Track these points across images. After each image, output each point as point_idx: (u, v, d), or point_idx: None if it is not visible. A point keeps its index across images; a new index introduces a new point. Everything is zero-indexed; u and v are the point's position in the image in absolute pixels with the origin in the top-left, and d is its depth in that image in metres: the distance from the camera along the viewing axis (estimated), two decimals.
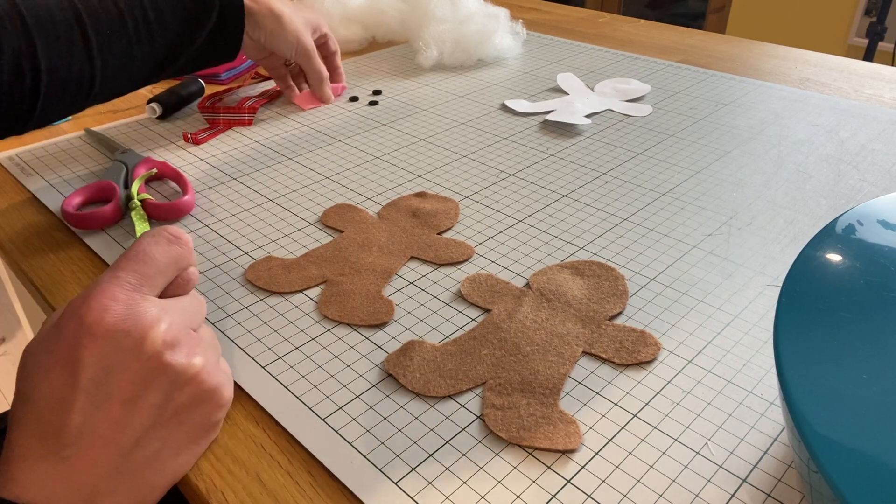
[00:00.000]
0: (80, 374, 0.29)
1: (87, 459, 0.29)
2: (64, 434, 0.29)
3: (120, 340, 0.30)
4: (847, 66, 0.88)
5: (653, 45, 0.97)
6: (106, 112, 0.76)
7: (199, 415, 0.33)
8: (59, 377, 0.29)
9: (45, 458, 0.29)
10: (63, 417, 0.29)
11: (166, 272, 0.34)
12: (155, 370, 0.31)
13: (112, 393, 0.30)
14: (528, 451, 0.35)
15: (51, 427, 0.29)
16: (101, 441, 0.29)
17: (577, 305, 0.44)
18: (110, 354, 0.30)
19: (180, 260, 0.35)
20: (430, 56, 0.86)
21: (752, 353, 0.41)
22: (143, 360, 0.30)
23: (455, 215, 0.55)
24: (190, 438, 0.33)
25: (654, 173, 0.61)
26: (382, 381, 0.39)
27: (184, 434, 0.33)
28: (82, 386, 0.29)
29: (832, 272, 0.33)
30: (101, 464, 0.29)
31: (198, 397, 0.33)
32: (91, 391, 0.29)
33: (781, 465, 0.34)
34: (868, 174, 0.60)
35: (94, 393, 0.29)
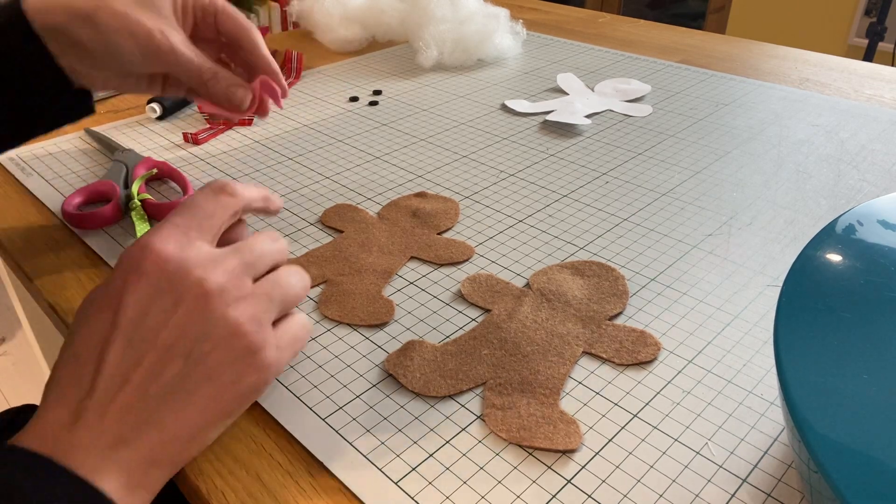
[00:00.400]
0: (120, 314, 0.29)
1: (116, 405, 0.28)
2: (98, 376, 0.28)
3: (161, 283, 0.29)
4: (847, 66, 0.88)
5: (653, 45, 0.97)
6: (106, 112, 0.76)
7: (230, 374, 0.30)
8: (102, 318, 0.29)
9: (74, 403, 0.28)
10: (98, 357, 0.28)
11: (214, 218, 0.33)
12: (192, 317, 0.29)
13: (148, 337, 0.29)
14: (528, 451, 0.35)
15: (86, 368, 0.28)
16: (132, 387, 0.28)
17: (577, 305, 0.44)
18: (151, 296, 0.29)
19: (228, 206, 0.33)
20: (430, 56, 0.86)
21: (752, 353, 0.41)
22: (182, 306, 0.29)
23: (455, 215, 0.55)
24: (217, 401, 0.30)
25: (654, 173, 0.61)
26: (382, 381, 0.39)
27: (212, 393, 0.30)
28: (121, 326, 0.29)
29: (832, 272, 0.33)
30: (130, 412, 0.28)
31: (232, 353, 0.30)
32: (129, 332, 0.29)
33: (781, 465, 0.34)
34: (868, 174, 0.60)
35: (131, 334, 0.29)
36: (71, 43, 0.41)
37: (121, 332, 0.29)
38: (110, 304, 0.29)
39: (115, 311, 0.29)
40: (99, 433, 0.28)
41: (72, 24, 0.40)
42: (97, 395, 0.28)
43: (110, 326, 0.29)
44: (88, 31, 0.40)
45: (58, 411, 0.28)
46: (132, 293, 0.29)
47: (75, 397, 0.28)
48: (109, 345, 0.29)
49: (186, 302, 0.29)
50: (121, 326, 0.29)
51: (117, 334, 0.29)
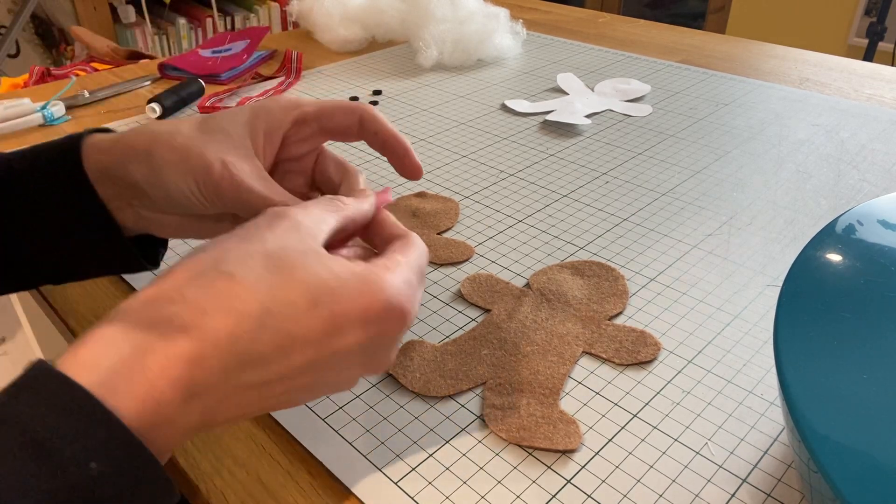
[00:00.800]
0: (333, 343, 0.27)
1: (247, 396, 0.26)
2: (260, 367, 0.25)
3: (384, 333, 0.28)
4: (847, 66, 0.88)
5: (653, 45, 0.97)
6: (106, 112, 0.76)
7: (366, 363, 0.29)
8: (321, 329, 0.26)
9: (205, 373, 0.24)
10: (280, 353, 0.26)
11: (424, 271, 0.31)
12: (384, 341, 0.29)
13: (337, 359, 0.27)
14: (528, 451, 0.35)
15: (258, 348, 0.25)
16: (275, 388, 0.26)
17: (577, 305, 0.44)
18: (368, 337, 0.28)
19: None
20: (430, 56, 0.86)
21: (752, 353, 0.41)
22: (384, 338, 0.28)
23: (455, 215, 0.55)
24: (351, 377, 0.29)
25: (654, 173, 0.61)
26: (382, 381, 0.39)
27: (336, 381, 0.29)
28: (324, 350, 0.27)
29: (832, 272, 0.33)
30: (248, 406, 0.26)
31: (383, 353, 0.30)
32: (325, 354, 0.27)
33: (781, 465, 0.34)
34: (868, 174, 0.60)
35: (327, 356, 0.27)
36: (128, 185, 0.35)
37: (320, 352, 0.27)
38: (334, 335, 0.27)
39: (329, 342, 0.27)
40: (199, 411, 0.25)
41: (126, 162, 0.35)
42: (241, 382, 0.25)
43: (315, 344, 0.26)
44: (144, 170, 0.34)
45: (173, 370, 0.24)
46: (359, 341, 0.27)
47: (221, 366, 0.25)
48: (298, 353, 0.26)
49: (389, 335, 0.29)
50: (320, 359, 0.27)
51: (315, 351, 0.26)
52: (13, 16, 1.75)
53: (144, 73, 0.88)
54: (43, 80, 1.11)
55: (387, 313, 0.27)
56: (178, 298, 0.25)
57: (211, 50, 0.91)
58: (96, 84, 0.84)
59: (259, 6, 2.32)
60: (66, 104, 0.75)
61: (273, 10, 2.34)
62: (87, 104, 0.78)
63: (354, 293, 0.27)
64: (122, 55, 1.31)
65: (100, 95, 0.79)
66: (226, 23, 2.28)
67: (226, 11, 2.29)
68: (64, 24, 2.10)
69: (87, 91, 0.79)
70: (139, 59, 1.25)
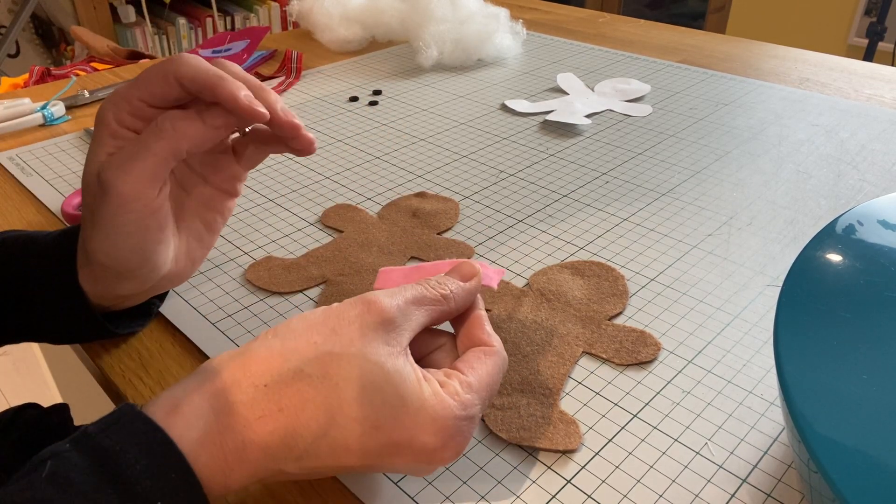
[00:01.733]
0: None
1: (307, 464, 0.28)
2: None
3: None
4: (847, 66, 0.88)
5: (653, 45, 0.97)
6: None
7: None
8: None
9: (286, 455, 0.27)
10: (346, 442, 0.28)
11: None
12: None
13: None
14: (528, 451, 0.35)
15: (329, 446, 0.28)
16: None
17: (577, 305, 0.44)
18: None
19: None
20: (430, 56, 0.86)
21: (752, 353, 0.41)
22: None
23: (455, 215, 0.55)
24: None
25: (654, 173, 0.61)
26: None
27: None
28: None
29: (832, 272, 0.33)
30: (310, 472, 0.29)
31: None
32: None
33: (781, 465, 0.34)
34: (868, 174, 0.60)
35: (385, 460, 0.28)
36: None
37: (366, 463, 0.28)
38: (386, 457, 0.28)
39: (380, 460, 0.28)
40: (253, 482, 0.28)
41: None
42: (293, 469, 0.28)
43: (364, 458, 0.28)
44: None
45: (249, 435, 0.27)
46: (407, 464, 0.29)
47: (283, 456, 0.27)
48: (346, 459, 0.28)
49: (436, 464, 0.30)
50: (366, 467, 0.29)
51: (362, 463, 0.28)
52: (13, 16, 1.75)
53: None
54: (43, 80, 1.11)
55: (441, 452, 0.28)
56: (260, 387, 0.27)
57: (211, 50, 0.91)
58: (96, 84, 0.84)
59: (259, 6, 2.32)
60: (66, 104, 0.75)
61: (273, 10, 2.34)
62: (87, 104, 0.78)
63: (416, 424, 0.28)
64: (122, 55, 1.31)
65: (100, 95, 0.79)
66: (226, 23, 2.28)
67: (226, 11, 2.30)
68: (64, 24, 2.10)
69: (87, 91, 0.79)
70: (139, 59, 1.25)
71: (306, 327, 0.29)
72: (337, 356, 0.28)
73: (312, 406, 0.27)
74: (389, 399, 0.27)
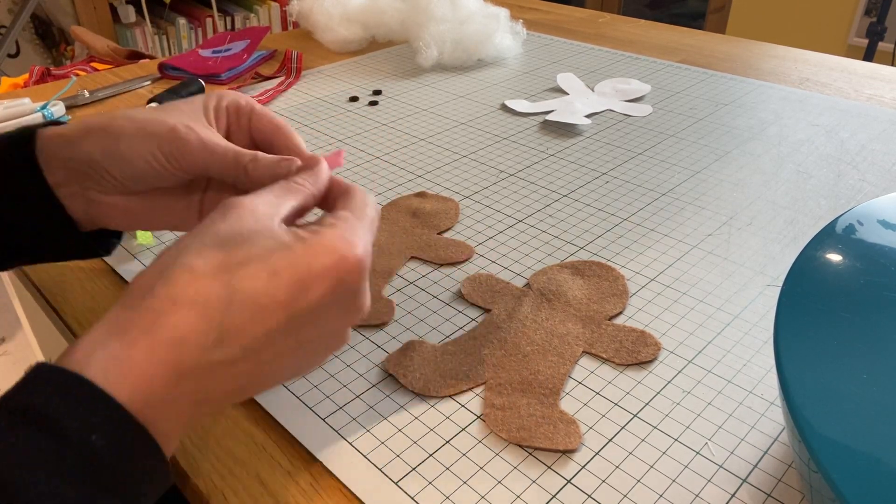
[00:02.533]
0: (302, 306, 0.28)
1: (233, 371, 0.28)
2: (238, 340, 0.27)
3: (346, 288, 0.30)
4: (847, 66, 0.88)
5: (653, 45, 0.97)
6: (105, 112, 0.76)
7: (340, 327, 0.31)
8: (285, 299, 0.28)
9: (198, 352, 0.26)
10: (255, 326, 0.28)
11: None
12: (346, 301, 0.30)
13: (307, 324, 0.29)
14: (528, 451, 0.35)
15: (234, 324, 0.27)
16: (258, 358, 0.28)
17: (577, 305, 0.44)
18: (333, 297, 0.29)
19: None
20: (430, 56, 0.86)
21: (752, 353, 0.41)
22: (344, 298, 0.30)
23: (455, 215, 0.55)
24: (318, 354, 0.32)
25: (654, 173, 0.61)
26: (382, 381, 0.39)
27: (319, 348, 0.31)
28: (294, 318, 0.28)
29: (832, 272, 0.33)
30: (236, 378, 0.28)
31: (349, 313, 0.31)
32: (296, 322, 0.28)
33: (781, 465, 0.34)
34: (868, 174, 0.60)
35: (298, 324, 0.29)
36: (83, 165, 0.36)
37: (290, 312, 0.28)
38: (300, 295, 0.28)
39: (297, 302, 0.28)
40: (192, 390, 0.27)
41: (82, 140, 0.36)
42: (225, 354, 0.27)
43: (284, 306, 0.28)
44: (101, 143, 0.35)
45: (165, 339, 0.26)
46: (323, 295, 0.29)
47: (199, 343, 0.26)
48: (269, 317, 0.28)
49: (351, 284, 0.30)
50: (293, 318, 0.28)
51: (285, 313, 0.28)
52: (13, 16, 1.75)
53: (144, 73, 0.88)
54: (43, 80, 1.11)
55: (340, 264, 0.29)
56: (149, 294, 0.27)
57: (211, 50, 0.91)
58: (96, 84, 0.84)
59: (259, 6, 2.32)
60: (66, 104, 0.75)
61: (273, 10, 2.34)
62: (87, 104, 0.78)
63: (308, 255, 0.29)
64: (122, 55, 1.31)
65: (100, 95, 0.79)
66: (226, 23, 2.28)
67: (226, 11, 2.29)
68: (64, 24, 2.10)
69: (87, 91, 0.79)
70: (139, 59, 1.25)
71: (180, 239, 0.29)
72: (209, 241, 0.28)
73: (204, 287, 0.27)
74: (273, 245, 0.29)
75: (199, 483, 0.34)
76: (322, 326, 0.30)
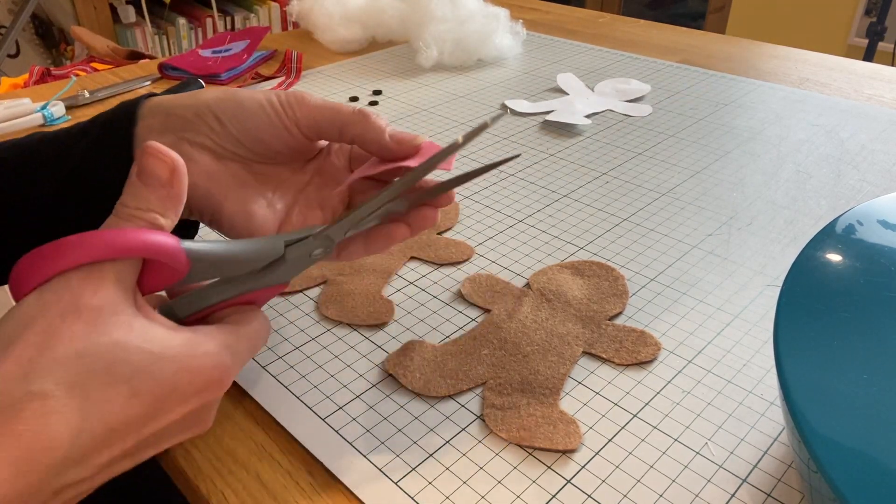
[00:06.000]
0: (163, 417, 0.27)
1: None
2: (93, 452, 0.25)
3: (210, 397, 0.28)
4: (847, 66, 0.88)
5: (653, 45, 0.97)
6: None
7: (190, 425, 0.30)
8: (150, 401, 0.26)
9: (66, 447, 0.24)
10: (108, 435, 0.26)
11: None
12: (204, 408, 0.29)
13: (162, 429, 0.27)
14: (528, 451, 0.35)
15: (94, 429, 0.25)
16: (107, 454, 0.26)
17: (577, 305, 0.44)
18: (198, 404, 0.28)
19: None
20: (430, 56, 0.86)
21: (752, 353, 0.41)
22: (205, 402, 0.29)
23: (455, 215, 0.55)
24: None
25: (654, 173, 0.61)
26: (382, 381, 0.39)
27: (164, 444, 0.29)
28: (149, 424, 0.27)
29: (832, 272, 0.33)
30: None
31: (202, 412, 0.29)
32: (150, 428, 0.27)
33: (781, 465, 0.34)
34: (868, 174, 0.60)
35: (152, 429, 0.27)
36: (194, 109, 0.34)
37: (142, 434, 0.26)
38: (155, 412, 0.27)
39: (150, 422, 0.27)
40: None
41: (201, 93, 0.35)
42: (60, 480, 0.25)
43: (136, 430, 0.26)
44: (219, 92, 0.35)
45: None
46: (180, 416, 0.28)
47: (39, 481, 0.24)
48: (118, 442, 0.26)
49: (210, 402, 0.29)
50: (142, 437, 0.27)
51: (136, 436, 0.26)
52: (13, 16, 1.75)
53: (144, 73, 0.88)
54: (43, 80, 1.11)
55: (206, 385, 0.28)
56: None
57: (211, 50, 0.91)
58: (96, 84, 0.84)
59: (259, 6, 2.32)
60: (66, 104, 0.75)
61: (273, 10, 2.34)
62: (87, 104, 0.78)
63: (173, 370, 0.27)
64: (122, 55, 1.31)
65: (100, 95, 0.79)
66: (226, 23, 2.28)
67: (226, 11, 2.29)
68: (64, 24, 2.10)
69: (87, 91, 0.79)
70: (139, 59, 1.25)
71: (19, 343, 0.25)
72: (62, 357, 0.25)
73: (56, 418, 0.24)
74: (134, 359, 0.26)
75: (199, 483, 0.34)
76: (162, 444, 0.28)
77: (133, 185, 0.28)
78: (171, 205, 0.29)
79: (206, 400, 0.28)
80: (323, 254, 0.33)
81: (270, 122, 0.35)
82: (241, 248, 0.31)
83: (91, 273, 0.26)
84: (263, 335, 0.32)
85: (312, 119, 0.35)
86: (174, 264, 0.28)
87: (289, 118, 0.35)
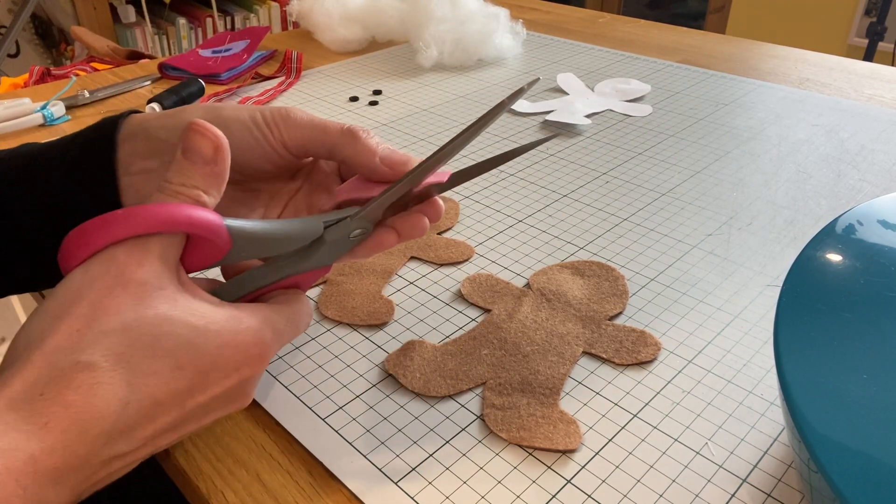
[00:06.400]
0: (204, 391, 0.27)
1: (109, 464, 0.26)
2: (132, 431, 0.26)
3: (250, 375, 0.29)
4: (847, 66, 0.88)
5: (653, 45, 0.97)
6: (106, 112, 0.76)
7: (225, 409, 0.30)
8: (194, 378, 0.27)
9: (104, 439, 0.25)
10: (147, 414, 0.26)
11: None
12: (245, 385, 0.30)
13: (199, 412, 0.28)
14: (528, 451, 0.35)
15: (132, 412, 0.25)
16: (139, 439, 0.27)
17: (577, 305, 0.44)
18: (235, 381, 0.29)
19: None
20: (430, 56, 0.86)
21: (752, 353, 0.41)
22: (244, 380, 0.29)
23: (455, 215, 0.55)
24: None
25: (654, 173, 0.61)
26: (382, 381, 0.39)
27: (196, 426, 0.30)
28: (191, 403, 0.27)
29: (832, 272, 0.33)
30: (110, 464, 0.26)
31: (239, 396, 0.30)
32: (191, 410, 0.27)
33: (781, 465, 0.34)
34: (868, 174, 0.60)
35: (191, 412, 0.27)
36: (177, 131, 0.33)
37: (185, 408, 0.27)
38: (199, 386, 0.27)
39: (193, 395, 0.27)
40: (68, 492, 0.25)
41: (183, 111, 0.35)
42: (107, 453, 0.25)
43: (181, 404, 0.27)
44: (204, 110, 0.35)
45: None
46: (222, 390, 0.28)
47: (87, 450, 0.25)
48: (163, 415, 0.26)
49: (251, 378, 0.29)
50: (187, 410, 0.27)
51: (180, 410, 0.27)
52: (13, 16, 1.75)
53: (144, 73, 0.88)
54: (43, 80, 1.11)
55: (247, 360, 0.28)
56: (36, 397, 0.24)
57: (211, 50, 0.91)
58: (96, 84, 0.84)
59: (259, 6, 2.32)
60: (66, 104, 0.75)
61: (273, 10, 2.34)
62: (87, 104, 0.78)
63: (217, 344, 0.27)
64: (122, 55, 1.31)
65: (100, 95, 0.79)
66: (226, 23, 2.28)
67: (226, 11, 2.29)
68: (64, 24, 2.10)
69: (87, 91, 0.79)
70: (139, 59, 1.25)
71: (67, 317, 0.26)
72: (109, 329, 0.25)
73: (104, 388, 0.25)
74: (180, 332, 0.26)
75: (200, 483, 0.34)
76: (203, 419, 0.29)
77: (178, 161, 0.29)
78: (215, 182, 0.29)
79: (246, 375, 0.29)
80: (361, 235, 0.34)
81: (257, 144, 0.35)
82: (281, 226, 0.31)
83: (136, 247, 0.27)
84: (306, 317, 0.32)
85: (300, 139, 0.35)
86: (217, 240, 0.28)
87: (275, 139, 0.35)
